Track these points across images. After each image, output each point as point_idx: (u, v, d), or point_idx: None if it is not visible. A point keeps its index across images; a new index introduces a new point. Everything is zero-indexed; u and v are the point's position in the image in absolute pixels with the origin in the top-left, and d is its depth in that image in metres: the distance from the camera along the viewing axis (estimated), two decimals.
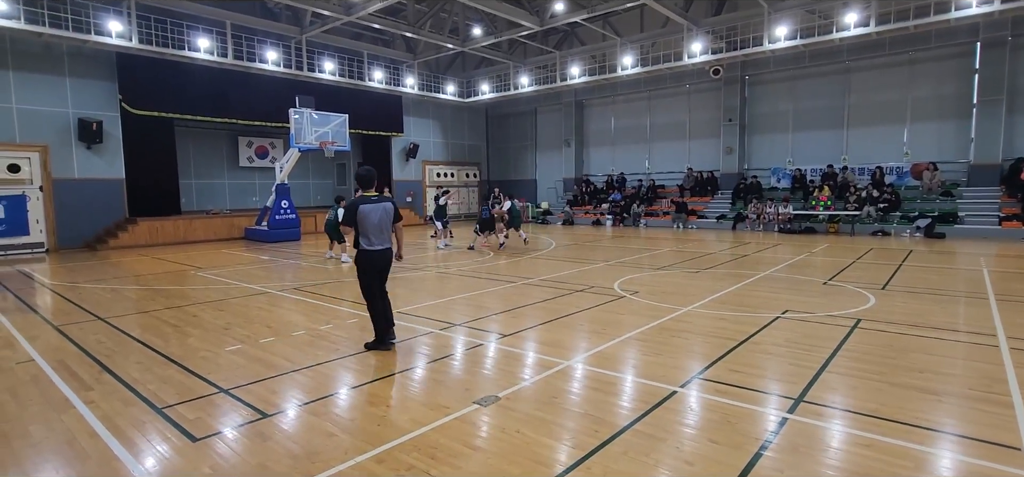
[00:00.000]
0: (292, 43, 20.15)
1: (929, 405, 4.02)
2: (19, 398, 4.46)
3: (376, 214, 5.44)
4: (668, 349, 5.51)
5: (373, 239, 5.47)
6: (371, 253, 5.48)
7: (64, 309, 8.00)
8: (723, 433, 3.61)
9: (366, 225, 5.41)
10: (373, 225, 5.43)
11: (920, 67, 18.02)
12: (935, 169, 17.39)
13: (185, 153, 21.04)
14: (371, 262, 5.50)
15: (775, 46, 17.81)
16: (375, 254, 5.50)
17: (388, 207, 5.56)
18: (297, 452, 3.45)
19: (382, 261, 5.57)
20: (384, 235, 5.53)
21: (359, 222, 5.40)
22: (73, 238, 16.45)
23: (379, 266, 5.57)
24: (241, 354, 5.55)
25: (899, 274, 9.67)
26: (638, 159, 24.98)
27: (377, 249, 5.50)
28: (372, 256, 5.49)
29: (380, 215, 5.47)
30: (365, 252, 5.49)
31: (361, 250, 5.50)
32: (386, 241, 5.57)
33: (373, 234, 5.45)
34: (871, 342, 5.58)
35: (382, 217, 5.48)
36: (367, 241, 5.47)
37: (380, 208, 5.48)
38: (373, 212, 5.43)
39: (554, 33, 24.17)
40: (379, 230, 5.47)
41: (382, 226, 5.49)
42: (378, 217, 5.45)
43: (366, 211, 5.40)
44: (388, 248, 5.60)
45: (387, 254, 5.60)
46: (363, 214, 5.39)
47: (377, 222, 5.44)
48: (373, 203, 5.46)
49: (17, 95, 15.33)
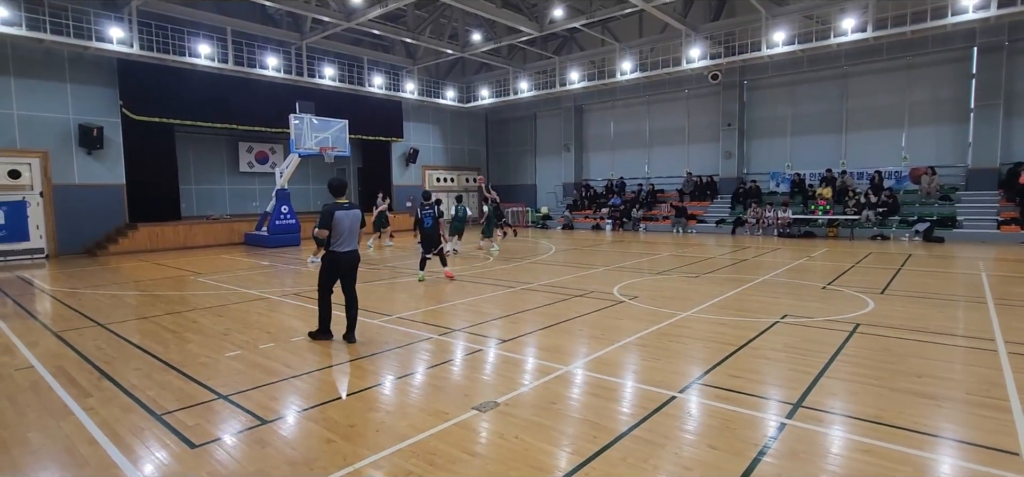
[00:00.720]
0: (292, 49, 20.22)
1: (928, 410, 4.03)
2: (18, 405, 4.46)
3: (348, 220, 5.99)
4: (667, 354, 5.51)
5: (343, 242, 6.01)
6: (339, 255, 6.03)
7: (64, 315, 8.00)
8: (722, 438, 3.61)
9: (339, 229, 5.94)
10: (345, 229, 5.98)
11: (918, 72, 18.09)
12: (933, 173, 17.43)
13: (185, 158, 21.08)
14: (337, 263, 6.05)
15: (773, 51, 17.87)
16: (342, 256, 6.05)
17: (357, 214, 6.14)
18: (296, 458, 3.45)
19: (348, 262, 6.11)
20: (352, 239, 6.11)
21: (333, 226, 5.91)
22: (73, 244, 16.46)
23: (345, 267, 6.10)
24: (240, 360, 5.55)
25: (898, 278, 9.68)
26: (637, 164, 25.02)
27: (345, 251, 6.05)
28: (340, 257, 6.04)
29: (351, 221, 6.03)
30: (334, 253, 6.03)
31: (331, 251, 6.03)
32: (354, 245, 6.15)
33: (344, 238, 6.00)
34: (870, 347, 5.58)
35: (352, 223, 6.05)
36: (337, 243, 6.00)
37: (351, 215, 6.04)
38: (345, 218, 5.97)
39: (553, 39, 24.25)
40: (349, 234, 6.04)
41: (352, 231, 6.06)
42: (349, 223, 6.01)
43: (340, 217, 5.93)
44: (354, 250, 6.17)
45: (353, 256, 6.16)
46: (337, 219, 5.91)
47: (348, 227, 6.01)
48: (345, 210, 5.99)
49: (18, 101, 15.37)
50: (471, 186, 29.06)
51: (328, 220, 5.85)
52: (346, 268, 6.11)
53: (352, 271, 6.17)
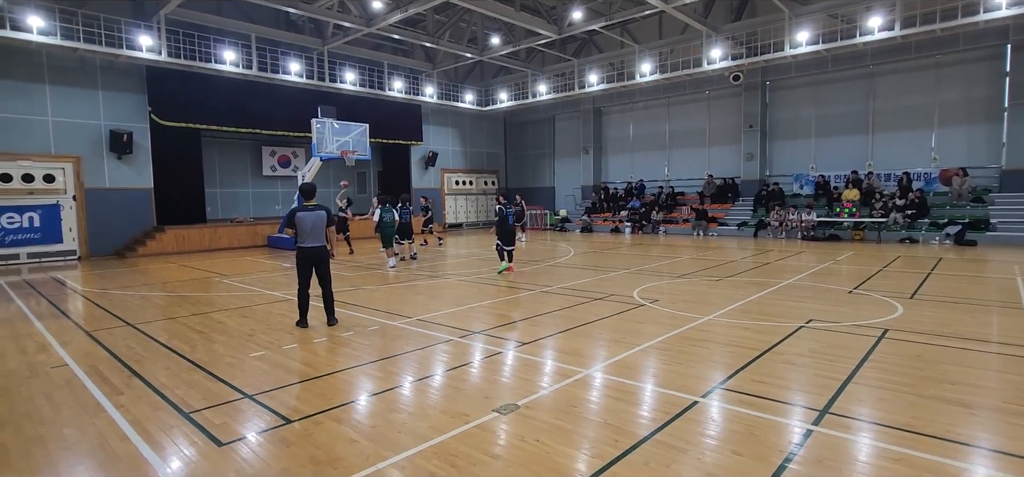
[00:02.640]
0: (314, 54, 20.55)
1: (962, 418, 3.91)
2: (54, 402, 4.61)
3: (309, 220, 6.85)
4: (689, 358, 5.45)
5: (307, 239, 6.88)
6: (304, 250, 6.92)
7: (95, 315, 8.24)
8: (746, 445, 3.56)
9: (302, 228, 6.83)
10: (306, 229, 6.84)
11: (948, 70, 17.60)
12: (965, 174, 16.93)
13: (211, 163, 21.55)
14: (304, 257, 6.94)
15: (797, 51, 17.58)
16: (308, 251, 6.92)
17: (321, 215, 6.94)
18: (320, 458, 3.50)
19: (314, 256, 6.94)
20: (316, 236, 6.91)
21: (297, 225, 6.82)
22: (104, 246, 16.94)
23: (311, 260, 6.95)
24: (265, 360, 5.65)
25: (928, 283, 9.42)
26: (657, 166, 24.82)
27: (309, 247, 6.91)
28: (305, 252, 6.93)
29: (313, 221, 6.87)
30: (301, 249, 6.93)
31: (298, 247, 6.93)
32: (318, 241, 6.95)
33: (307, 235, 6.86)
34: (899, 353, 5.44)
35: (315, 222, 6.88)
36: (303, 240, 6.88)
37: (314, 215, 6.89)
38: (307, 219, 6.85)
39: (572, 41, 24.22)
40: (312, 232, 6.87)
41: (314, 230, 6.88)
42: (311, 223, 6.86)
43: (301, 217, 6.84)
44: (320, 246, 6.98)
45: (319, 251, 6.97)
46: (299, 219, 6.83)
47: (310, 227, 6.86)
48: (308, 211, 6.89)
49: (53, 108, 15.90)
50: (490, 189, 29.17)
51: (290, 220, 6.84)
52: (314, 261, 6.94)
53: (321, 264, 6.99)
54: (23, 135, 15.44)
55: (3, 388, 4.97)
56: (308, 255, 6.94)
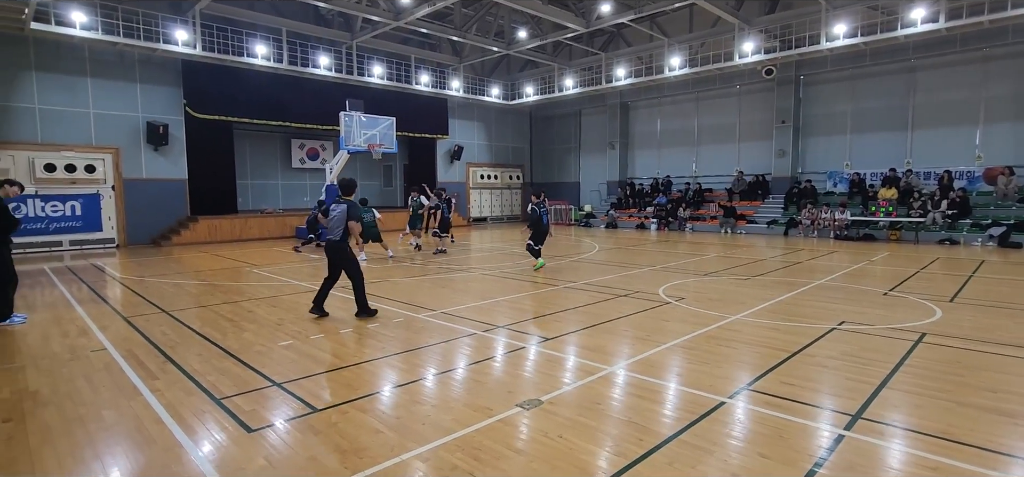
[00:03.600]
0: (343, 48, 20.81)
1: (1003, 428, 3.75)
2: (93, 384, 4.79)
3: (333, 213, 7.02)
4: (715, 358, 5.36)
5: (330, 232, 7.09)
6: (327, 242, 7.16)
7: (132, 301, 8.53)
8: (774, 448, 3.48)
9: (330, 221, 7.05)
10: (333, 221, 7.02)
11: (995, 64, 16.84)
12: (1011, 173, 16.20)
13: (242, 155, 22.07)
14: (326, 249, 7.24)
15: (833, 44, 17.05)
16: (327, 244, 7.16)
17: (342, 210, 7.02)
18: (345, 447, 3.55)
19: (329, 249, 7.11)
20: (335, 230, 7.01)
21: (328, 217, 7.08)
22: (140, 235, 17.53)
23: (328, 252, 7.14)
24: (293, 349, 5.76)
25: (969, 286, 9.06)
26: (685, 162, 24.42)
27: (329, 241, 7.08)
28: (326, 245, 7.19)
29: (336, 215, 6.99)
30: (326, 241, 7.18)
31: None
32: (336, 235, 7.01)
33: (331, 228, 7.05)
34: (937, 358, 5.25)
35: (336, 217, 6.99)
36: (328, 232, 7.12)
37: (337, 210, 7.04)
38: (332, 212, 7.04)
39: (600, 35, 23.97)
40: (334, 226, 7.01)
41: (334, 224, 6.98)
42: (334, 217, 7.01)
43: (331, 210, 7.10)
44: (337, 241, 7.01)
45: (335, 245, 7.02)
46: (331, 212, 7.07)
47: (333, 221, 7.03)
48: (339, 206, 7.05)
49: (94, 101, 16.50)
50: (515, 183, 29.15)
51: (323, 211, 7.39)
52: (329, 253, 7.14)
53: (340, 257, 7.08)
54: (67, 127, 16.06)
55: (46, 370, 5.19)
56: (327, 248, 7.21)
